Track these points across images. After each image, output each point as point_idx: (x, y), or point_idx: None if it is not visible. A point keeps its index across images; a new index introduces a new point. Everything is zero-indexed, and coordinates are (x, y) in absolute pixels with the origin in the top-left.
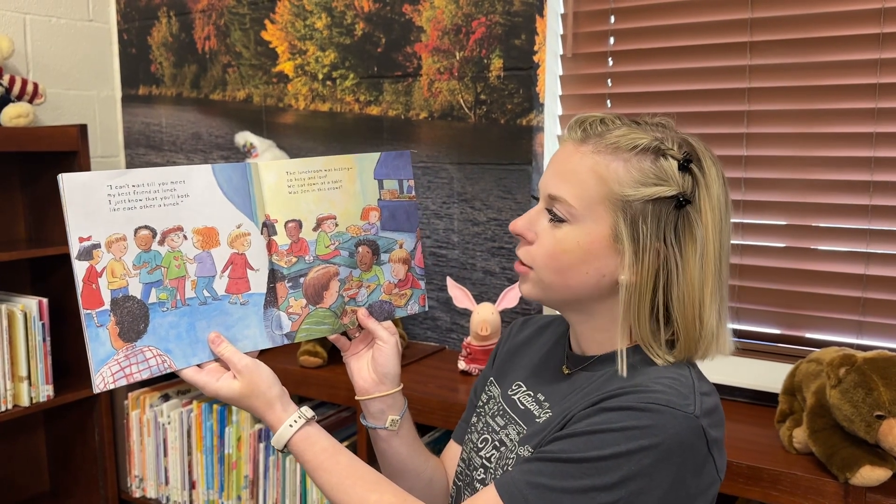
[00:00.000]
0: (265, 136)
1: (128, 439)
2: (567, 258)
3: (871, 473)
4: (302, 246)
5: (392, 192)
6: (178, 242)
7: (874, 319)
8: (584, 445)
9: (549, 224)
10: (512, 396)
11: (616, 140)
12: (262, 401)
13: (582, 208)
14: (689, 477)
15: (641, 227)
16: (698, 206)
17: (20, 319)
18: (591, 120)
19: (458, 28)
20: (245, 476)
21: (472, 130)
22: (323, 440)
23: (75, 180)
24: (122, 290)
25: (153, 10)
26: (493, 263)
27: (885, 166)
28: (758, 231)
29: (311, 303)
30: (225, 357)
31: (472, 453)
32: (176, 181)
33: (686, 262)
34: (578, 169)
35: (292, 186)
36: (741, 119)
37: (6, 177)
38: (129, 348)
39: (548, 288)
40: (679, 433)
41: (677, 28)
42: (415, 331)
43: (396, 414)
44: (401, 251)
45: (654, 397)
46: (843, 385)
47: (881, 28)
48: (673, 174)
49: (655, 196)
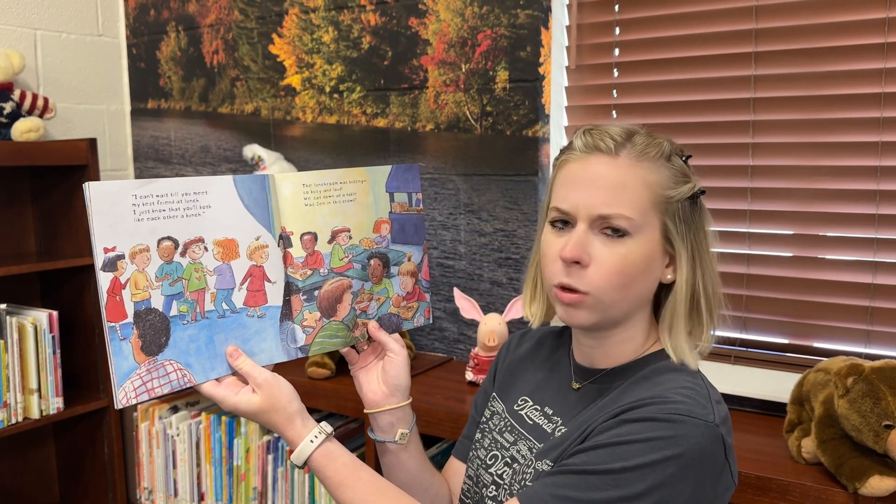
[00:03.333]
0: (273, 148)
1: (137, 451)
2: (633, 270)
3: (880, 483)
4: (317, 259)
5: (402, 204)
6: (200, 254)
7: (882, 328)
8: (608, 457)
9: (603, 243)
10: (519, 412)
11: (644, 149)
12: (282, 416)
13: (639, 218)
14: (709, 484)
15: (681, 225)
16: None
17: (30, 332)
18: (612, 134)
19: (463, 41)
20: (254, 488)
21: (478, 142)
22: (344, 456)
23: (101, 189)
24: (145, 302)
25: (162, 25)
26: (500, 274)
27: (891, 175)
28: (765, 240)
29: (325, 316)
30: (244, 371)
31: (480, 470)
32: (199, 192)
33: (706, 252)
34: (626, 181)
35: (308, 199)
36: (747, 129)
37: (17, 190)
38: (150, 362)
39: (607, 308)
40: (701, 442)
41: (682, 39)
42: (422, 341)
43: (406, 427)
44: (409, 264)
45: (676, 408)
46: (850, 395)
47: (885, 38)
48: (689, 171)
49: (689, 193)
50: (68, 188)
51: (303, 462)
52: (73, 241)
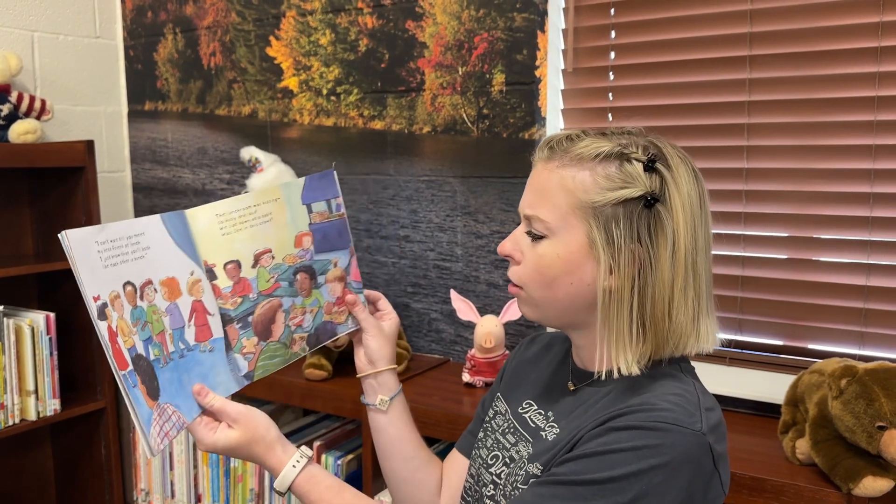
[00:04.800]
0: (270, 150)
1: (134, 453)
2: (550, 272)
3: (873, 484)
4: (244, 285)
5: (322, 213)
6: (153, 296)
7: (876, 330)
8: (595, 466)
9: (530, 242)
10: (523, 414)
11: (580, 151)
12: (262, 445)
13: (555, 221)
14: (697, 493)
15: (614, 231)
16: (668, 203)
17: (27, 334)
18: (557, 138)
19: (460, 44)
20: (251, 489)
21: (474, 144)
22: (327, 478)
23: (76, 236)
24: (133, 348)
25: (159, 27)
26: (497, 276)
27: (885, 178)
28: (759, 243)
29: (262, 339)
30: (215, 408)
31: (481, 469)
32: (138, 234)
33: (658, 260)
34: (547, 185)
35: (224, 227)
36: (742, 132)
37: (14, 192)
38: (157, 406)
39: (540, 304)
40: (687, 451)
41: (677, 42)
42: (419, 343)
43: (386, 395)
44: (336, 270)
45: (662, 416)
46: (844, 396)
47: (879, 42)
48: (639, 175)
49: (623, 198)
50: (66, 190)
51: (286, 488)
52: None
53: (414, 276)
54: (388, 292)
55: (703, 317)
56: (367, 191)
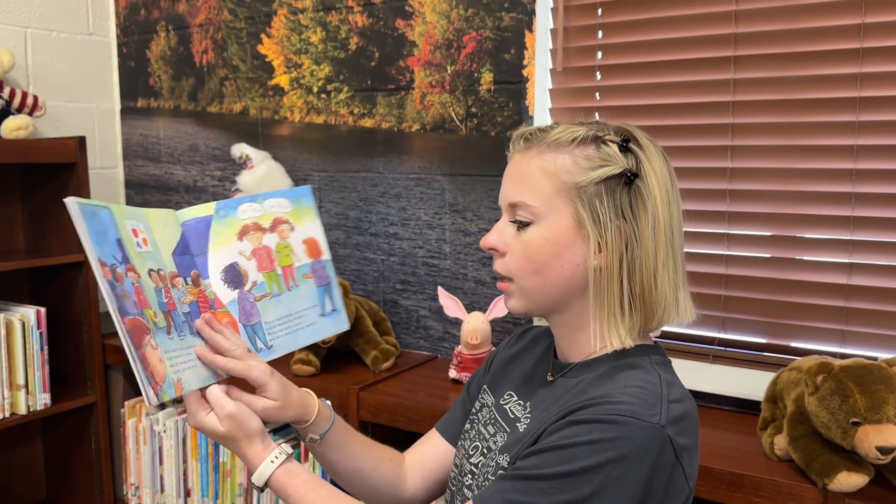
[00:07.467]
0: (261, 147)
1: (124, 447)
2: (540, 256)
3: (848, 479)
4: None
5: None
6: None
7: (857, 329)
8: (554, 460)
9: (515, 232)
10: (503, 406)
11: (556, 137)
12: (244, 440)
13: (541, 205)
14: (658, 486)
15: (599, 209)
16: (646, 180)
17: (18, 329)
18: (530, 130)
19: (449, 43)
20: (240, 484)
21: (463, 142)
22: (304, 474)
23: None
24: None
25: (152, 24)
26: (484, 273)
27: (866, 178)
28: (743, 242)
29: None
30: (211, 399)
31: (463, 459)
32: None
33: (642, 235)
34: (528, 172)
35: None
36: (726, 132)
37: (6, 188)
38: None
39: (531, 294)
40: (645, 444)
41: (663, 43)
42: (407, 339)
43: (317, 433)
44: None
45: (620, 409)
46: (820, 392)
47: (861, 43)
48: (616, 155)
49: (605, 176)
50: (57, 186)
51: (263, 482)
52: (62, 238)
53: (402, 273)
54: (377, 289)
55: (681, 288)
56: (356, 188)
